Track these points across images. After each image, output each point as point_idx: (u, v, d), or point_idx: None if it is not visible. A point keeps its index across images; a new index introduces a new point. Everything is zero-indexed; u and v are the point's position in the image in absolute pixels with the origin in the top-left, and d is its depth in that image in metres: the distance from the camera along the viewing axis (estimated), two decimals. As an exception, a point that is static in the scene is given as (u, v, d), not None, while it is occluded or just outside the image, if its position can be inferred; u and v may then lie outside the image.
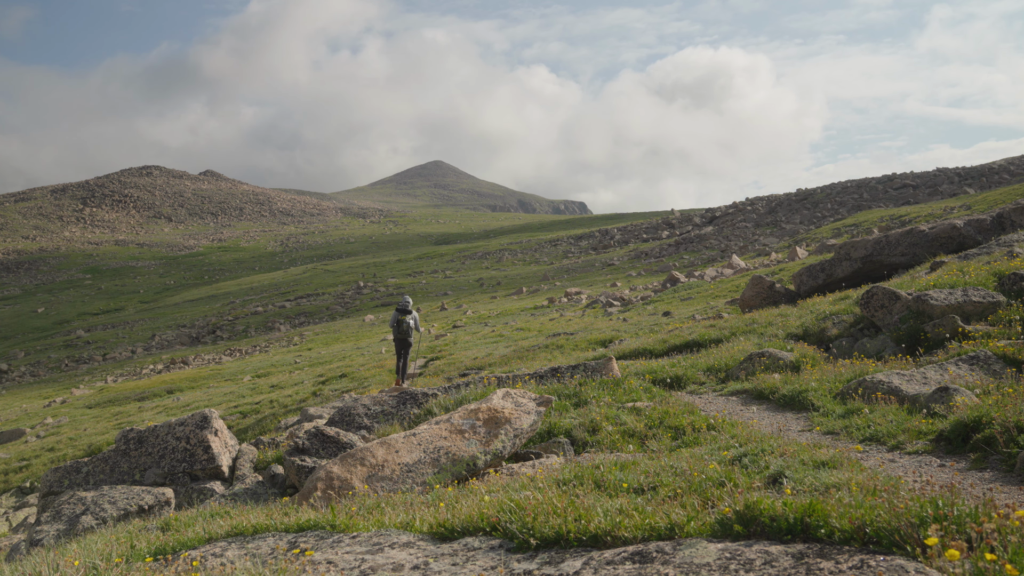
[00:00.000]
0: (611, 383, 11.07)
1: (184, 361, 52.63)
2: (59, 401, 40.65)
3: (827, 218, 62.85)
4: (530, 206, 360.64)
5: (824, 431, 8.51)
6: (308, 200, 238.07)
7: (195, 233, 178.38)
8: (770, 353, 12.85)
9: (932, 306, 12.28)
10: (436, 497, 6.12)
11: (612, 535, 4.35)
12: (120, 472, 9.65)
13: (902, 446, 7.35)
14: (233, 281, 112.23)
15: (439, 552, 4.61)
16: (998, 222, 20.60)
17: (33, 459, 24.64)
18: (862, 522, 3.77)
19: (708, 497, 5.00)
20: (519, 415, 8.28)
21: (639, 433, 8.74)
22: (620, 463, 6.48)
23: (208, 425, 9.91)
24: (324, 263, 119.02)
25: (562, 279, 64.45)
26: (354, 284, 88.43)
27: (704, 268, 48.31)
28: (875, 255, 20.77)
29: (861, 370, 10.68)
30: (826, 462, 6.11)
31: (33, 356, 72.59)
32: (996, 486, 5.69)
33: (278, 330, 65.28)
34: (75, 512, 8.23)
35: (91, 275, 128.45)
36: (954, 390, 8.10)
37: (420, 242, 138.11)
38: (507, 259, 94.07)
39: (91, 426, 29.89)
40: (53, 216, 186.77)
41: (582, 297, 44.20)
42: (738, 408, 10.75)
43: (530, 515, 4.67)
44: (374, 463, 7.43)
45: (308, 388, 27.10)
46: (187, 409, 28.07)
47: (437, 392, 11.00)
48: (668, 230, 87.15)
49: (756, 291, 22.24)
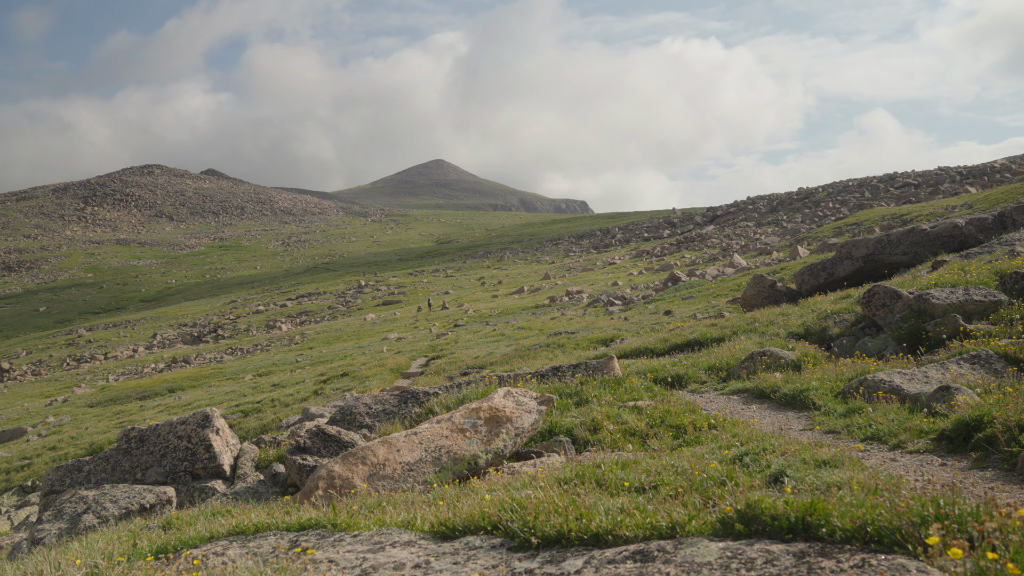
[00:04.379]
0: (612, 382, 11.06)
1: (186, 360, 52.69)
2: (61, 400, 40.72)
3: (828, 217, 62.82)
4: (532, 205, 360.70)
5: (825, 430, 8.51)
6: (309, 199, 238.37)
7: (196, 232, 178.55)
8: (771, 352, 12.84)
9: (934, 305, 12.27)
10: (437, 496, 6.13)
11: (613, 534, 4.35)
12: (122, 471, 9.66)
13: (903, 445, 7.35)
14: (235, 280, 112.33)
15: (440, 551, 4.61)
16: (999, 221, 20.57)
17: (35, 458, 24.69)
18: (863, 521, 3.77)
19: (709, 496, 4.99)
20: (520, 414, 8.28)
21: (640, 432, 8.74)
22: (621, 462, 6.47)
23: (210, 424, 9.91)
24: (325, 262, 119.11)
25: (563, 278, 64.44)
26: (355, 283, 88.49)
27: (705, 267, 48.29)
28: (876, 254, 20.75)
29: (862, 369, 10.68)
30: (827, 461, 6.11)
31: (35, 355, 72.72)
32: (997, 485, 5.69)
33: (279, 329, 65.35)
34: (77, 511, 8.24)
35: (92, 274, 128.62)
36: (955, 389, 8.09)
37: (421, 241, 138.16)
38: (508, 258, 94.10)
39: (93, 425, 29.94)
40: (55, 215, 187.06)
41: (583, 296, 44.20)
42: (739, 407, 10.75)
43: (531, 514, 4.67)
44: (375, 462, 7.43)
45: (309, 387, 27.12)
46: (188, 408, 28.10)
47: (438, 391, 10.98)
48: (669, 229, 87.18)
49: (757, 290, 22.23)
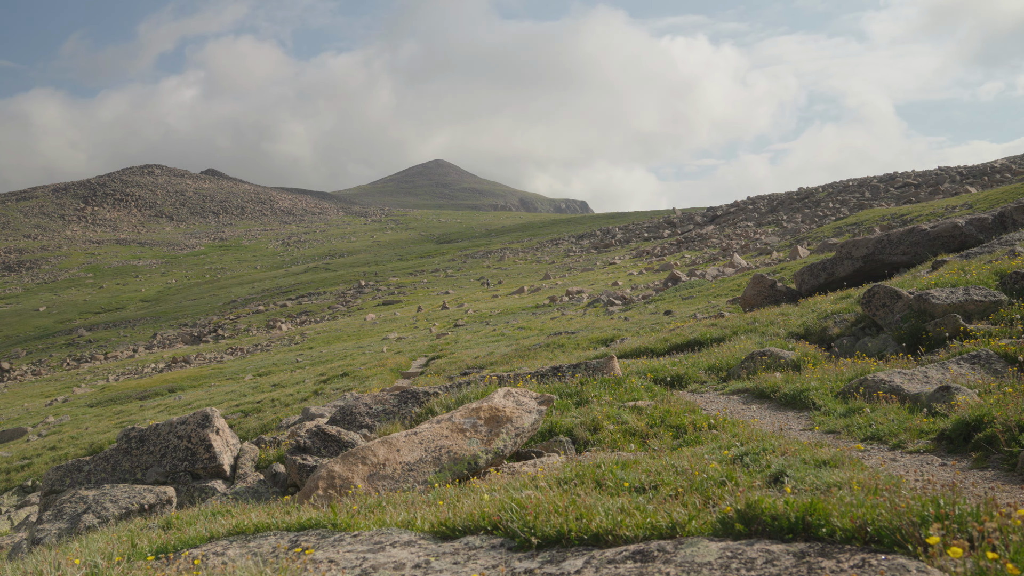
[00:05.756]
0: (612, 382, 11.05)
1: (186, 360, 52.69)
2: (61, 400, 40.72)
3: (828, 217, 62.79)
4: (532, 205, 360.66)
5: (825, 430, 8.51)
6: (309, 199, 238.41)
7: (196, 232, 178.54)
8: (771, 352, 12.84)
9: (934, 305, 12.27)
10: (437, 496, 6.12)
11: (613, 534, 4.35)
12: (122, 471, 9.65)
13: (903, 445, 7.35)
14: (235, 280, 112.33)
15: (440, 551, 4.61)
16: (1000, 221, 20.57)
17: (35, 458, 24.68)
18: (863, 521, 3.77)
19: (709, 496, 4.99)
20: (520, 414, 8.28)
21: (640, 432, 8.74)
22: (621, 462, 6.47)
23: (210, 424, 9.91)
24: (325, 262, 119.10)
25: (563, 278, 64.42)
26: (355, 283, 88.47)
27: (705, 267, 48.27)
28: (876, 254, 20.74)
29: (862, 369, 10.68)
30: (827, 461, 6.11)
31: (35, 355, 72.73)
32: (998, 485, 5.69)
33: (280, 329, 65.33)
34: (77, 511, 8.24)
35: (93, 274, 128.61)
36: (955, 389, 8.09)
37: (421, 241, 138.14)
38: (508, 258, 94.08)
39: (93, 425, 29.93)
40: (55, 215, 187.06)
41: (583, 296, 44.19)
42: (739, 407, 10.75)
43: (531, 514, 4.67)
44: (375, 462, 7.43)
45: (309, 387, 27.11)
46: (189, 408, 28.10)
47: (438, 391, 10.97)
48: (669, 229, 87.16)
49: (758, 290, 22.23)
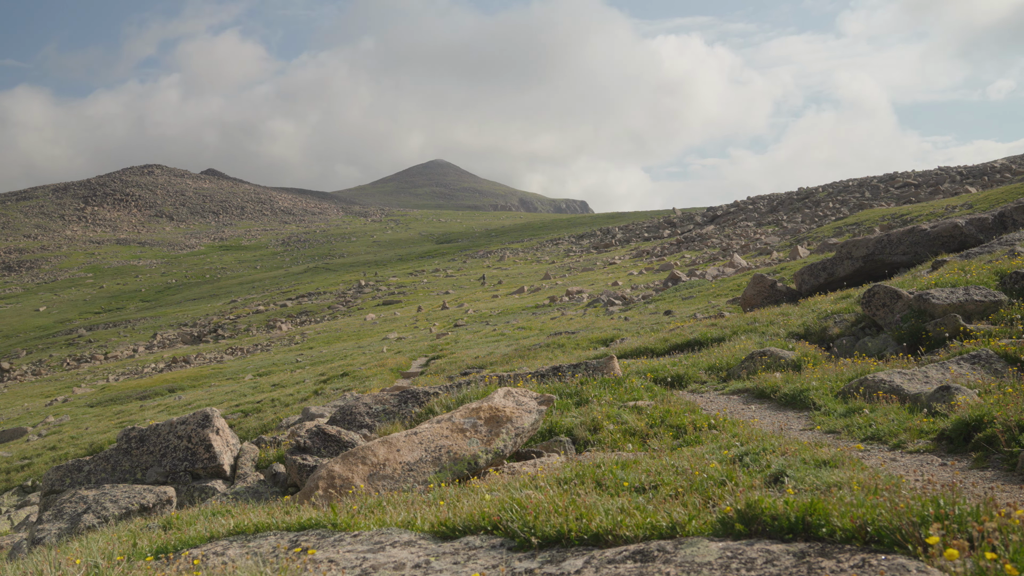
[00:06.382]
0: (612, 382, 11.06)
1: (186, 360, 52.69)
2: (61, 400, 40.71)
3: (828, 217, 62.77)
4: (531, 205, 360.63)
5: (825, 430, 8.51)
6: (309, 199, 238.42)
7: (196, 232, 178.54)
8: (771, 352, 12.84)
9: (934, 305, 12.27)
10: (437, 496, 6.13)
11: (613, 534, 4.35)
12: (122, 471, 9.66)
13: (903, 445, 7.35)
14: (235, 280, 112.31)
15: (440, 551, 4.61)
16: (1000, 221, 20.57)
17: (35, 457, 24.67)
18: (863, 521, 3.77)
19: (709, 496, 5.00)
20: (520, 414, 8.28)
21: (640, 432, 8.74)
22: (621, 462, 6.47)
23: (210, 424, 9.91)
24: (325, 262, 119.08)
25: (563, 278, 64.41)
26: (355, 283, 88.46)
27: (706, 267, 48.26)
28: (877, 254, 20.74)
29: (862, 369, 10.68)
30: (827, 461, 6.11)
31: (35, 355, 72.72)
32: (997, 485, 5.69)
33: (280, 329, 65.33)
34: (77, 511, 8.24)
35: (93, 274, 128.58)
36: (955, 389, 8.09)
37: (421, 241, 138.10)
38: (508, 258, 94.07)
39: (93, 425, 29.93)
40: (55, 215, 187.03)
41: (583, 296, 44.18)
42: (739, 407, 10.76)
43: (531, 514, 4.67)
44: (375, 462, 7.43)
45: (310, 387, 27.11)
46: (189, 408, 28.10)
47: (438, 391, 10.97)
48: (669, 229, 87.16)
49: (758, 290, 22.23)
